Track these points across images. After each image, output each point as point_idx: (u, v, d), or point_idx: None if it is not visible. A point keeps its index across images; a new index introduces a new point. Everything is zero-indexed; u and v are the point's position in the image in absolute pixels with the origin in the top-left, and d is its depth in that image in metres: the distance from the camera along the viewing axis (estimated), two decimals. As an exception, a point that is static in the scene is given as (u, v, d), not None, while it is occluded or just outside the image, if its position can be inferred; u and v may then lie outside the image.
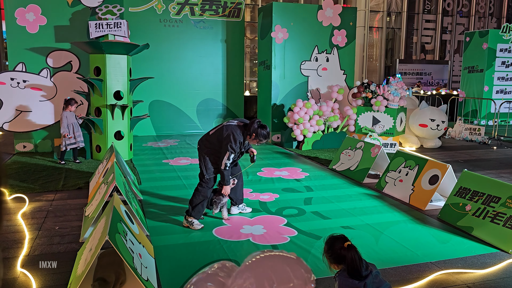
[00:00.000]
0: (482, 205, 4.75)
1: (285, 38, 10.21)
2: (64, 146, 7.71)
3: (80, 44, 8.08)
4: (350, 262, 2.62)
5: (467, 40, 14.93)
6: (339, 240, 2.72)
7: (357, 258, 2.64)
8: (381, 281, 2.73)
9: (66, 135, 7.63)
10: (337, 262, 2.69)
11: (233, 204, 5.23)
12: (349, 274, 2.62)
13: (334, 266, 2.72)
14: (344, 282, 2.64)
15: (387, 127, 9.33)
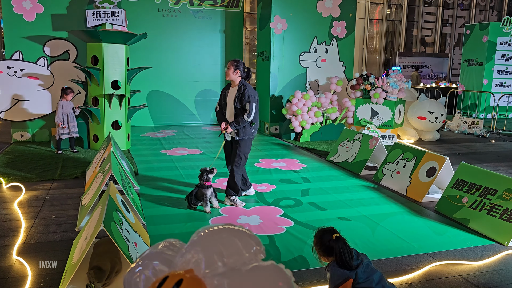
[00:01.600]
0: (479, 198, 4.75)
1: (284, 29, 10.15)
2: (58, 135, 7.70)
3: (78, 33, 8.02)
4: (338, 253, 2.65)
5: (467, 33, 14.86)
6: (327, 233, 2.74)
7: (345, 249, 2.66)
8: (373, 270, 2.74)
9: (59, 124, 7.60)
10: (327, 254, 2.72)
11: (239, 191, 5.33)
12: (339, 265, 2.65)
13: (324, 258, 2.75)
14: (335, 272, 2.66)
15: (386, 119, 9.32)
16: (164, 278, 0.79)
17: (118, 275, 3.46)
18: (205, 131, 10.68)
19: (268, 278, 0.78)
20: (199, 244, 0.84)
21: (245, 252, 0.81)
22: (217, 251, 0.81)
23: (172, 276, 0.78)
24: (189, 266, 0.81)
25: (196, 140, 9.46)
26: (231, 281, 0.77)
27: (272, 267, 0.79)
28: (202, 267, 0.79)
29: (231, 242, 0.82)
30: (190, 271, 0.79)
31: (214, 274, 0.78)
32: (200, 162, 7.30)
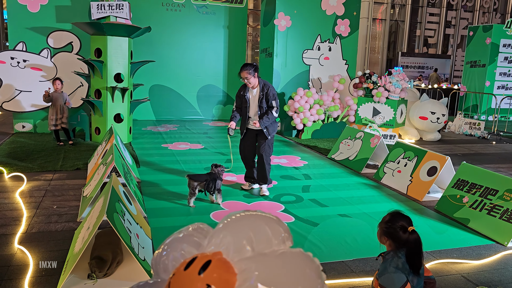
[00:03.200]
0: (480, 198, 4.77)
1: (288, 26, 10.14)
2: (49, 127, 7.72)
3: (82, 25, 8.02)
4: (412, 246, 2.33)
5: (470, 34, 14.86)
6: (405, 219, 2.44)
7: (420, 246, 2.36)
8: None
9: (46, 93, 7.57)
10: (391, 238, 2.40)
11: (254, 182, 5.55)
12: (408, 259, 2.33)
13: (385, 240, 2.45)
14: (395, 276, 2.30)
15: (387, 118, 9.32)
16: (192, 259, 0.80)
17: (119, 266, 3.47)
18: (206, 126, 10.69)
19: (296, 265, 0.78)
20: (228, 229, 0.84)
21: (274, 238, 0.82)
22: (246, 236, 0.82)
23: (201, 257, 0.79)
24: (217, 249, 0.82)
25: (197, 135, 9.47)
26: (259, 266, 0.77)
27: (300, 254, 0.79)
28: (230, 251, 0.80)
29: (260, 228, 0.83)
30: (218, 254, 0.80)
31: (242, 258, 0.79)
32: (201, 156, 7.32)
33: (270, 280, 0.75)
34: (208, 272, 0.76)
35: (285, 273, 0.77)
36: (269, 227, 0.84)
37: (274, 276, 0.76)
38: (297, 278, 0.77)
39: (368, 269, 3.62)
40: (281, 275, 0.77)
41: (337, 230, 4.42)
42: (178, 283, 0.77)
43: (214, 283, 0.75)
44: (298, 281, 0.76)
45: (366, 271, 3.58)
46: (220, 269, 0.77)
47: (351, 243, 4.11)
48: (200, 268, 0.77)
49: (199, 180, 4.89)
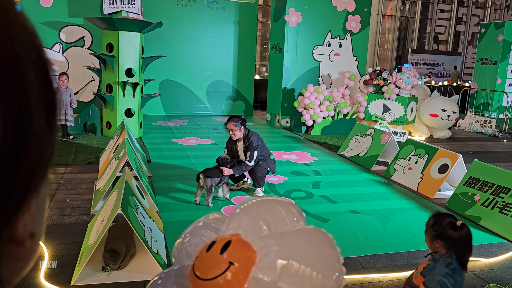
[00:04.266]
0: (491, 196, 4.75)
1: (299, 21, 10.12)
2: None
3: (94, 20, 8.06)
4: (463, 242, 2.28)
5: (482, 31, 14.72)
6: (449, 216, 2.40)
7: (470, 242, 2.30)
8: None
9: None
10: (441, 239, 2.34)
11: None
12: (459, 256, 2.29)
13: (436, 242, 2.37)
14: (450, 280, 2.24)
15: (398, 115, 9.29)
16: (213, 242, 0.83)
17: (133, 259, 3.51)
18: (216, 122, 10.72)
19: (311, 239, 0.83)
20: (244, 212, 0.89)
21: (288, 218, 0.86)
22: (262, 217, 0.86)
23: (220, 239, 0.83)
24: (235, 231, 0.86)
25: (207, 130, 9.50)
26: (277, 242, 0.81)
27: (314, 229, 0.85)
28: (248, 232, 0.84)
29: (275, 209, 0.88)
30: (237, 235, 0.84)
31: (260, 236, 0.83)
32: (211, 152, 7.35)
33: (288, 254, 0.79)
34: (229, 251, 0.80)
35: (302, 247, 0.82)
36: (283, 209, 0.89)
37: (291, 250, 0.80)
38: (313, 250, 0.82)
39: (379, 265, 3.63)
40: (298, 249, 0.81)
41: (348, 227, 4.43)
42: (202, 264, 0.81)
43: (236, 260, 0.79)
44: (314, 253, 0.82)
45: (377, 268, 3.59)
46: (241, 248, 0.82)
47: (361, 240, 4.12)
48: (221, 248, 0.81)
49: (215, 176, 4.79)
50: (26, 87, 0.35)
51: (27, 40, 0.37)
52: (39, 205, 0.41)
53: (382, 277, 3.45)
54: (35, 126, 0.35)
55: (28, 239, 0.39)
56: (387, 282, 3.39)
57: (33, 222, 0.40)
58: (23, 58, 0.35)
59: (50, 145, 0.38)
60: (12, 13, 0.36)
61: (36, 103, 0.35)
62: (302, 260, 0.79)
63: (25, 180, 0.35)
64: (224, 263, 0.78)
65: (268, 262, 0.79)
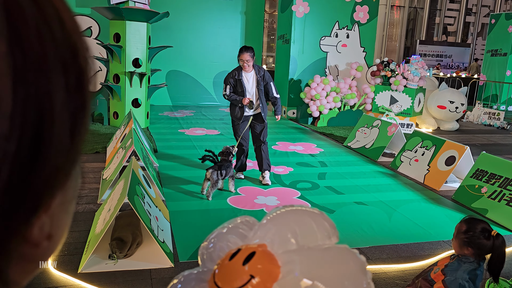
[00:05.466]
0: (499, 188, 4.73)
1: (306, 12, 10.05)
2: None
3: (101, 10, 8.06)
4: (497, 248, 2.21)
5: (492, 22, 14.53)
6: (482, 223, 2.31)
7: (505, 249, 2.22)
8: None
9: None
10: (473, 247, 2.26)
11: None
12: (491, 266, 2.22)
13: (466, 249, 2.28)
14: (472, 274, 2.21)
15: (405, 107, 9.23)
16: (237, 250, 0.82)
17: (139, 247, 3.55)
18: (222, 113, 10.72)
19: (341, 260, 0.78)
20: (273, 222, 0.86)
21: (319, 233, 0.82)
22: (291, 229, 0.82)
23: (245, 249, 0.81)
24: (262, 241, 0.83)
25: (213, 120, 9.51)
26: (303, 259, 0.78)
27: (346, 250, 0.79)
28: (275, 244, 0.81)
29: (306, 222, 0.84)
30: (263, 246, 0.82)
31: (287, 250, 0.80)
32: (218, 142, 7.35)
33: (314, 273, 0.75)
34: (252, 263, 0.77)
35: (330, 268, 0.77)
36: (315, 222, 0.84)
37: (318, 271, 0.76)
38: (342, 273, 0.77)
39: (384, 256, 3.64)
40: (325, 269, 0.77)
41: (353, 218, 4.44)
42: (223, 273, 0.79)
43: (257, 274, 0.76)
44: (343, 276, 0.76)
45: (382, 259, 3.60)
46: (264, 261, 0.79)
47: (367, 231, 4.13)
48: (244, 259, 0.79)
49: (222, 168, 4.75)
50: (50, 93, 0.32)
51: (61, 37, 0.34)
52: (63, 207, 0.39)
53: (387, 268, 3.46)
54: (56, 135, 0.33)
55: (45, 241, 0.37)
56: (392, 273, 3.40)
57: (53, 224, 0.38)
58: (52, 58, 0.32)
59: (72, 154, 0.36)
60: (46, 2, 0.33)
61: (61, 110, 0.33)
62: (329, 282, 0.74)
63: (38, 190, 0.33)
64: (245, 275, 0.76)
65: (291, 280, 0.75)
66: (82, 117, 0.36)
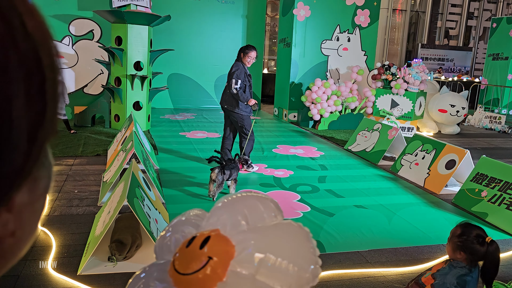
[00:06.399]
0: (499, 192, 4.72)
1: (307, 15, 10.08)
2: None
3: (103, 13, 8.10)
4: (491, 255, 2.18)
5: (493, 26, 14.54)
6: (477, 229, 2.29)
7: (499, 256, 2.19)
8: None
9: None
10: (466, 252, 2.25)
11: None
12: (484, 274, 2.20)
13: (459, 253, 2.27)
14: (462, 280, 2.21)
15: (406, 110, 9.24)
16: (192, 237, 0.86)
17: (138, 249, 3.56)
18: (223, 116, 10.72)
19: (288, 232, 0.87)
20: (223, 209, 0.93)
21: (266, 214, 0.90)
22: (240, 213, 0.89)
23: (200, 235, 0.86)
24: (215, 227, 0.89)
25: (215, 124, 9.53)
26: (256, 235, 0.85)
27: (290, 223, 0.89)
28: (227, 227, 0.87)
29: (253, 205, 0.91)
30: (216, 230, 0.87)
31: (239, 231, 0.86)
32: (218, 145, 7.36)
33: (266, 247, 0.83)
34: (208, 246, 0.83)
35: (279, 241, 0.86)
36: (261, 204, 0.92)
37: (269, 244, 0.84)
38: (290, 244, 0.86)
39: (383, 260, 3.64)
40: (275, 242, 0.85)
41: (353, 221, 4.44)
42: (182, 259, 0.84)
43: (215, 255, 0.81)
44: (291, 246, 0.85)
45: (381, 262, 3.60)
46: (219, 242, 0.85)
47: (367, 234, 4.13)
48: (200, 243, 0.84)
49: (226, 168, 4.77)
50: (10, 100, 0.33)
51: (25, 47, 0.35)
52: (31, 207, 0.40)
53: (386, 272, 3.46)
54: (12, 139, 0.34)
55: (9, 238, 0.38)
56: (390, 276, 3.40)
57: (18, 221, 0.39)
58: (15, 67, 0.34)
59: (32, 157, 0.37)
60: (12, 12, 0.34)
61: (18, 116, 0.34)
62: (279, 253, 0.82)
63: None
64: (204, 257, 0.81)
65: (246, 256, 0.82)
66: (41, 122, 0.37)
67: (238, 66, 5.59)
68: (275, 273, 0.81)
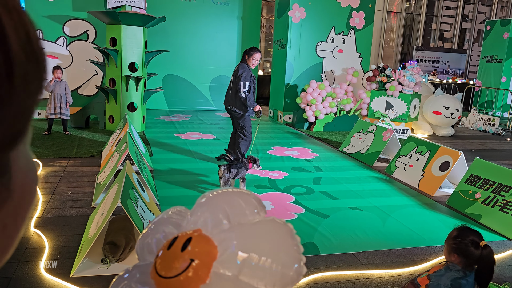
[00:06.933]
0: (492, 194, 4.74)
1: (302, 17, 10.10)
2: (46, 114, 7.63)
3: (97, 14, 8.08)
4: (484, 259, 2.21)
5: (487, 28, 14.63)
6: (474, 234, 2.32)
7: (493, 261, 2.23)
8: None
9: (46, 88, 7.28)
10: (460, 255, 2.29)
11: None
12: (478, 277, 2.22)
13: (453, 256, 2.31)
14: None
15: (400, 112, 9.27)
16: (174, 238, 0.85)
17: (132, 251, 3.54)
18: (218, 117, 10.73)
19: (271, 230, 0.86)
20: (204, 206, 0.92)
21: (248, 210, 0.89)
22: (222, 210, 0.88)
23: (181, 236, 0.85)
24: (196, 226, 0.88)
25: (209, 125, 9.52)
26: (237, 234, 0.84)
27: (274, 220, 0.87)
28: (208, 226, 0.87)
29: (234, 201, 0.90)
30: (197, 231, 0.87)
31: (221, 230, 0.86)
32: (213, 147, 7.36)
33: (249, 246, 0.82)
34: (190, 248, 0.82)
35: (262, 239, 0.85)
36: (243, 200, 0.91)
37: (252, 243, 0.83)
38: (273, 242, 0.85)
39: (377, 261, 3.64)
40: (258, 241, 0.85)
41: (347, 223, 4.44)
42: (164, 262, 0.83)
43: (197, 257, 0.81)
44: (274, 244, 0.84)
45: (375, 264, 3.60)
46: (201, 244, 0.84)
47: (361, 236, 4.13)
48: (182, 245, 0.83)
49: (232, 167, 4.85)
50: None
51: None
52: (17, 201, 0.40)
53: (380, 273, 3.46)
54: None
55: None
56: (384, 278, 3.40)
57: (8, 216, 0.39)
58: None
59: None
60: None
61: None
62: (262, 251, 0.82)
63: None
64: (186, 260, 0.80)
65: (228, 257, 0.81)
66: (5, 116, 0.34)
67: (244, 68, 5.70)
68: (258, 272, 0.80)
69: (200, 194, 3.10)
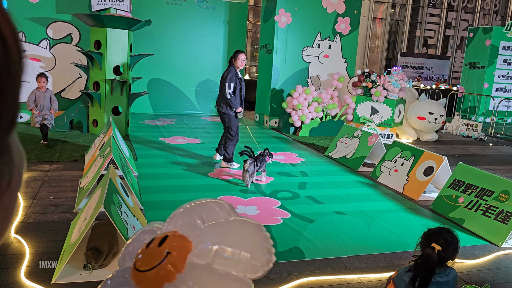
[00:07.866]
0: (475, 198, 4.80)
1: (289, 22, 10.14)
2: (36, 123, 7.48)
3: (82, 16, 7.99)
4: (425, 258, 2.30)
5: (470, 36, 14.88)
6: (438, 235, 2.37)
7: (431, 260, 2.27)
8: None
9: (32, 109, 7.20)
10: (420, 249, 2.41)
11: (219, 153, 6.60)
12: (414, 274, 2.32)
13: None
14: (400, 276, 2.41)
15: (385, 117, 9.34)
16: (151, 240, 0.92)
17: (115, 257, 3.48)
18: (204, 121, 10.69)
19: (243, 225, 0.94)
20: (181, 214, 0.98)
21: (221, 214, 0.97)
22: (198, 215, 0.95)
23: (158, 236, 0.91)
24: (174, 229, 0.95)
25: (195, 129, 9.47)
26: (211, 230, 0.91)
27: (244, 219, 0.96)
28: (185, 228, 0.93)
29: (209, 207, 0.98)
30: (173, 231, 0.93)
31: (196, 229, 0.93)
32: (198, 151, 7.32)
33: (221, 240, 0.90)
34: (166, 243, 0.88)
35: (234, 233, 0.93)
36: (217, 207, 0.99)
37: (224, 237, 0.91)
38: (244, 235, 0.93)
39: (362, 266, 3.65)
40: (230, 235, 0.92)
41: (333, 227, 4.44)
42: (142, 258, 0.88)
43: (173, 250, 0.87)
44: (245, 237, 0.92)
45: (360, 268, 3.60)
46: (177, 239, 0.90)
47: (346, 240, 4.14)
48: (159, 242, 0.89)
49: (258, 161, 5.56)
50: None
51: None
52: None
53: (365, 278, 3.46)
54: None
55: None
56: (370, 282, 3.41)
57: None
58: None
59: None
60: None
61: None
62: (234, 244, 0.90)
63: None
64: (162, 254, 0.86)
65: (203, 249, 0.89)
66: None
67: (230, 71, 6.15)
68: (230, 261, 0.88)
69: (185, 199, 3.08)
